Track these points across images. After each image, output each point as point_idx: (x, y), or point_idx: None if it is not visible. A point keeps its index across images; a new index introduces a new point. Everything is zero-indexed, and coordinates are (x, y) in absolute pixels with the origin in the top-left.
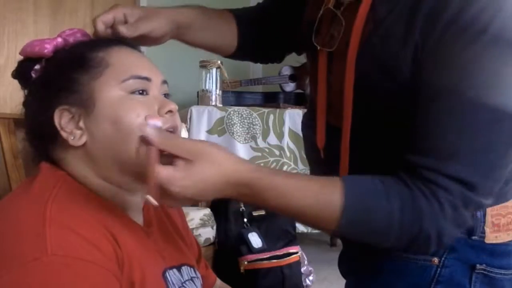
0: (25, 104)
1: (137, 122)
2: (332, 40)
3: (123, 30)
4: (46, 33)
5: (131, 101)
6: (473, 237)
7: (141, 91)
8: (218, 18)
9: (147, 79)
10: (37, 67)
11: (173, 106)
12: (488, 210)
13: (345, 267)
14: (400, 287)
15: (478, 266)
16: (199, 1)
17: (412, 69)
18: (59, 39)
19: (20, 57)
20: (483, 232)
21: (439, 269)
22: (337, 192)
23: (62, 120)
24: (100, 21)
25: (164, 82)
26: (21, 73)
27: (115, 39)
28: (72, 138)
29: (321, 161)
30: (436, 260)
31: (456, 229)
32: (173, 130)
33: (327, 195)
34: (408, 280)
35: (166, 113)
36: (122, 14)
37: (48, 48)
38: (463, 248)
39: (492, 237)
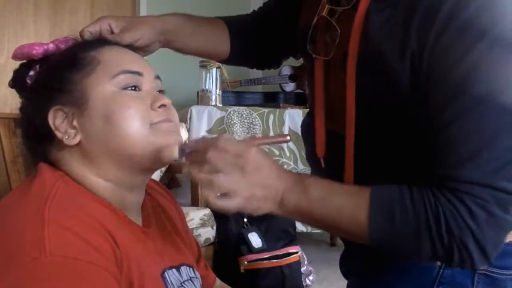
0: (21, 109)
1: (129, 117)
2: (327, 48)
3: (110, 40)
4: (46, 33)
5: (124, 96)
6: None
7: (133, 87)
8: (208, 25)
9: (138, 73)
10: (31, 73)
11: (166, 100)
12: None
13: (346, 268)
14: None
15: None
16: (198, 6)
17: (412, 80)
18: (51, 45)
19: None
20: None
21: (441, 270)
22: (364, 205)
23: (56, 120)
24: (87, 31)
25: (157, 77)
26: (17, 80)
27: (106, 40)
28: (66, 137)
29: (321, 168)
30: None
31: (499, 233)
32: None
33: (355, 200)
34: (410, 281)
35: (159, 107)
36: (108, 24)
37: (37, 50)
38: None
39: None
